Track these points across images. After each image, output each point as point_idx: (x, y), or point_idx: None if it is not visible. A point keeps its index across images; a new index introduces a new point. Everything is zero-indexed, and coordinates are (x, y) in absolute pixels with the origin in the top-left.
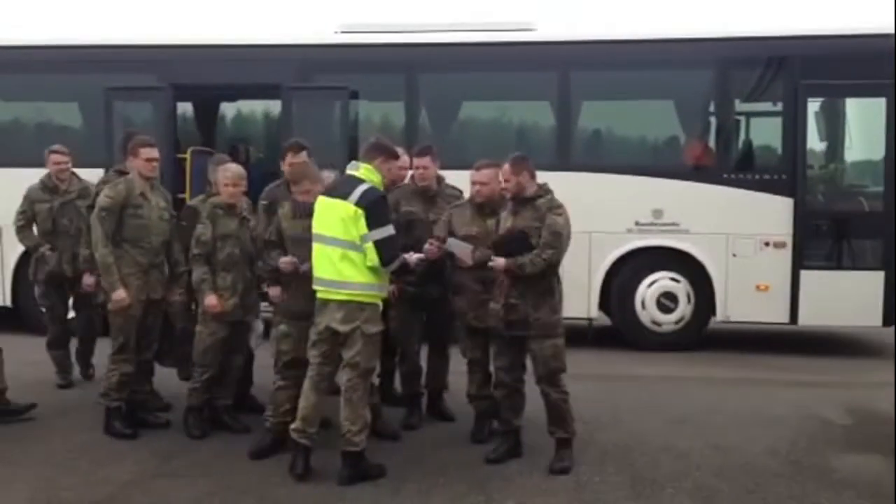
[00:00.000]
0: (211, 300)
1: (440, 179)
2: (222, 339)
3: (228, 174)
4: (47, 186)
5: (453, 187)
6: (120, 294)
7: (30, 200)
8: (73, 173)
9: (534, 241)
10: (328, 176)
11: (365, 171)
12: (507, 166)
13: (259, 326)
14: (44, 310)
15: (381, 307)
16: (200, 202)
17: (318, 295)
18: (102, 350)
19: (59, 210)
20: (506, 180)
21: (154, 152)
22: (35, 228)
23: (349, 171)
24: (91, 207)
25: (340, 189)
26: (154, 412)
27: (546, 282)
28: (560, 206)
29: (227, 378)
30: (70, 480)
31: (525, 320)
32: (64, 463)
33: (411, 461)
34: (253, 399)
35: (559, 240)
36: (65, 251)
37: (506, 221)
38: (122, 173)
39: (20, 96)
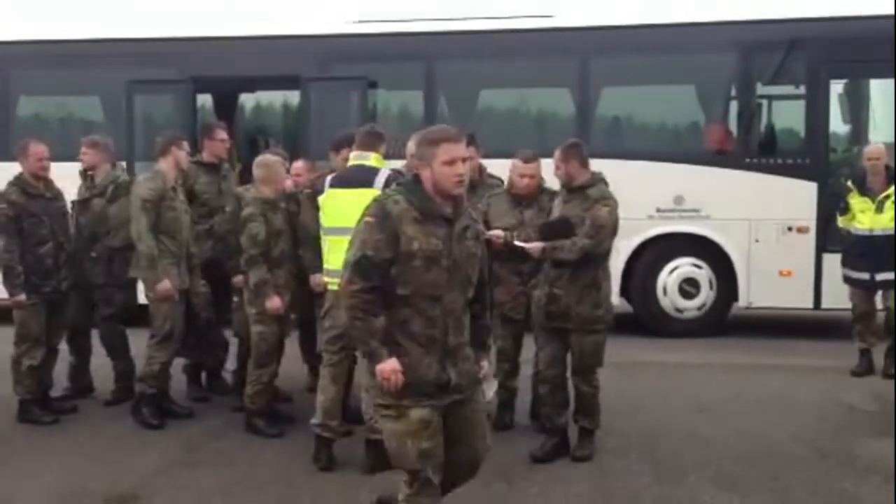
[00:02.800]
0: (275, 302)
1: (482, 169)
2: (280, 339)
3: (261, 168)
4: (84, 180)
5: (494, 177)
6: (166, 284)
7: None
8: (114, 168)
9: (578, 231)
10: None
11: (375, 160)
12: (557, 153)
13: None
14: None
15: None
16: (245, 191)
17: (336, 288)
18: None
19: (78, 207)
20: (556, 167)
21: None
22: None
23: (359, 162)
24: (109, 202)
25: (357, 179)
26: (178, 402)
27: (590, 275)
28: (609, 197)
29: None
30: (97, 470)
31: (566, 313)
32: (91, 453)
33: None
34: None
35: (600, 232)
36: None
37: (556, 209)
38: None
39: (43, 91)
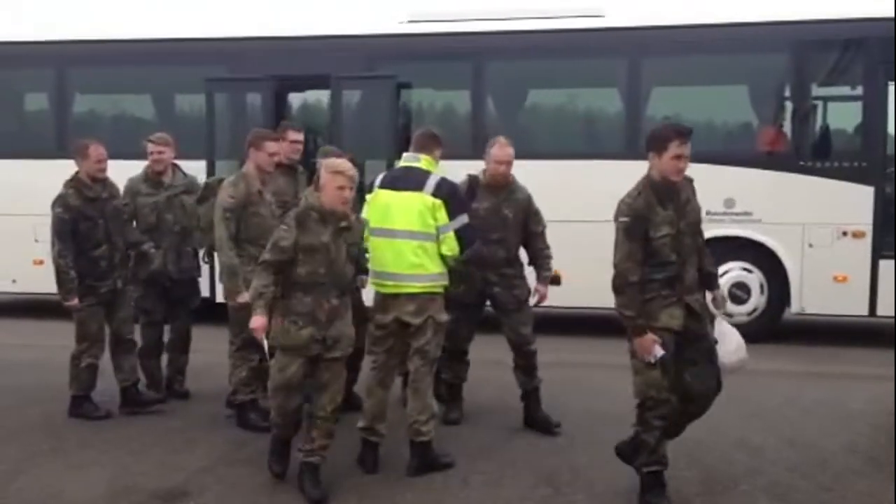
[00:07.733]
0: (258, 322)
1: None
2: (298, 379)
3: (330, 172)
4: (149, 179)
5: None
6: (245, 297)
7: (132, 193)
8: (177, 166)
9: None
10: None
11: (426, 163)
12: None
13: None
14: (139, 314)
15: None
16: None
17: (385, 290)
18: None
19: (165, 205)
20: None
21: (275, 146)
22: (135, 223)
23: (409, 164)
24: (199, 202)
25: (407, 181)
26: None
27: None
28: None
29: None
30: (145, 466)
31: None
32: (139, 449)
33: (480, 452)
34: (357, 398)
35: None
36: (169, 250)
37: None
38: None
39: (123, 89)
